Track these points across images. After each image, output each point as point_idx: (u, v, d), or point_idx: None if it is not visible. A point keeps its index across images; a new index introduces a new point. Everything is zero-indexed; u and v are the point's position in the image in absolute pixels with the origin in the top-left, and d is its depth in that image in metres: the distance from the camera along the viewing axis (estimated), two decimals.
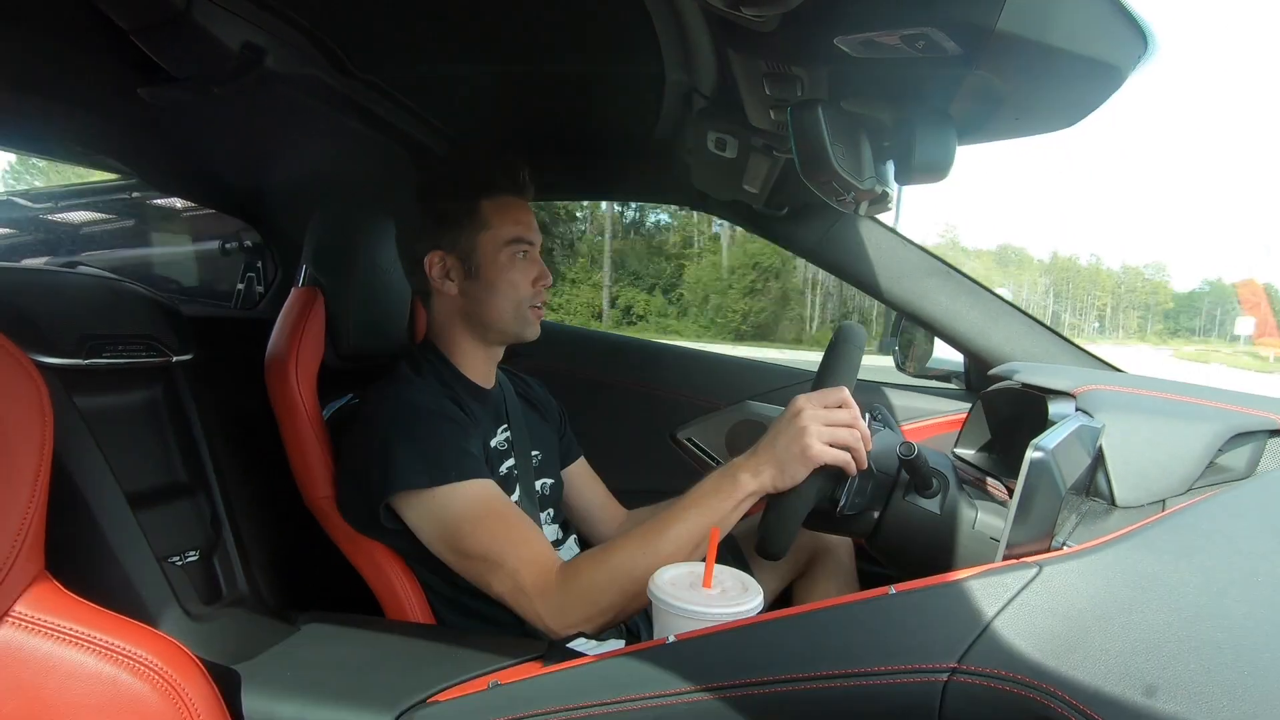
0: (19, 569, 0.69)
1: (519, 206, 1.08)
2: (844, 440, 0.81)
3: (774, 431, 0.84)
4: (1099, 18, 0.60)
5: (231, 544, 0.95)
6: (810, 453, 0.80)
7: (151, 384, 0.96)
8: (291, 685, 0.77)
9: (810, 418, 0.81)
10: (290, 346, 1.07)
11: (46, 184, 2.05)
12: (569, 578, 0.86)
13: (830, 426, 0.81)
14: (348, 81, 1.08)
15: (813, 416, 0.81)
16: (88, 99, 1.08)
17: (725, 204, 1.47)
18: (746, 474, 0.83)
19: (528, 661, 0.79)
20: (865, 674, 0.52)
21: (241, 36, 0.89)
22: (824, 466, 0.81)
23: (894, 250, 1.38)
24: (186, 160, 1.38)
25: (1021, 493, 0.61)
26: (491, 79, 1.14)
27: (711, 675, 0.57)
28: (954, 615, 0.53)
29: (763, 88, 0.79)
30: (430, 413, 0.96)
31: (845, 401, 0.83)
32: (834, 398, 0.83)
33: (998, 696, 0.47)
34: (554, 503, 1.16)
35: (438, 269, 1.06)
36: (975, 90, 0.71)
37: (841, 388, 0.84)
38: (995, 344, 1.34)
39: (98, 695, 0.69)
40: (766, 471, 0.82)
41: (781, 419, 0.84)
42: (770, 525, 0.83)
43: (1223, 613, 0.47)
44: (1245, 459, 0.83)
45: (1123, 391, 0.91)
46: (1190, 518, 0.63)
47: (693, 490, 0.87)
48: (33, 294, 0.87)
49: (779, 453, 0.82)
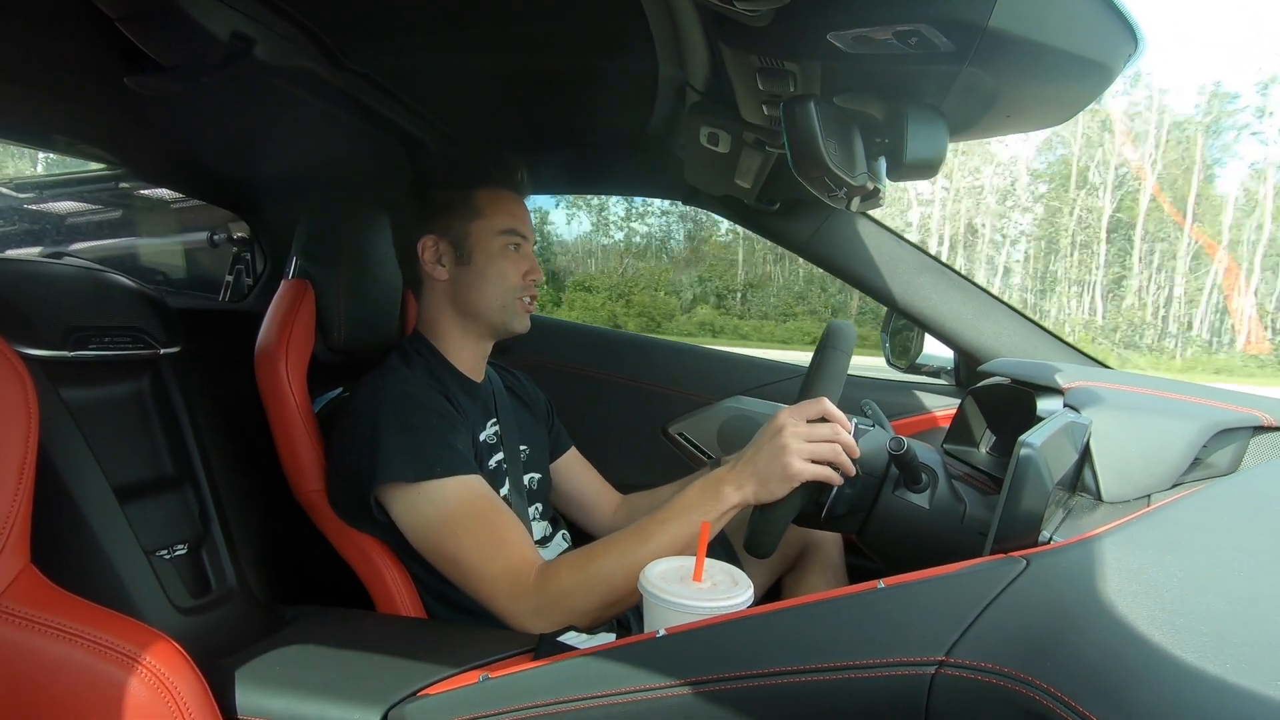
0: (4, 563, 0.68)
1: (514, 200, 1.09)
2: (825, 455, 0.81)
3: (756, 446, 0.85)
4: (1089, 15, 0.60)
5: (220, 537, 0.94)
6: (790, 470, 0.81)
7: (138, 376, 0.95)
8: (281, 679, 0.76)
9: (791, 434, 0.82)
10: (280, 338, 1.06)
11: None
12: (547, 581, 0.86)
13: (811, 442, 0.81)
14: (338, 73, 1.07)
15: (794, 433, 0.82)
16: (73, 88, 1.07)
17: (717, 199, 1.47)
18: (730, 487, 0.84)
19: (518, 655, 0.79)
20: (853, 667, 0.52)
21: (230, 25, 0.88)
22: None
23: (885, 246, 1.38)
24: (174, 151, 1.36)
25: (1010, 487, 0.61)
26: (484, 72, 1.13)
27: (701, 669, 0.57)
28: (942, 609, 0.53)
29: (755, 83, 0.79)
30: (418, 404, 0.96)
31: (828, 414, 0.83)
32: (816, 410, 0.84)
33: (985, 690, 0.47)
34: (542, 497, 1.16)
35: (430, 253, 1.06)
36: (967, 87, 0.71)
37: (823, 399, 0.84)
38: (985, 340, 1.34)
39: (85, 690, 0.68)
40: (749, 486, 0.83)
41: (764, 434, 0.85)
42: (757, 528, 0.84)
43: (1206, 606, 0.48)
44: (1229, 455, 0.84)
45: (1110, 388, 0.92)
46: (1175, 513, 0.64)
47: (676, 500, 0.87)
48: (18, 285, 0.85)
49: (760, 469, 0.83)
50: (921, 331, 1.44)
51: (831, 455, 0.82)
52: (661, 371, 1.66)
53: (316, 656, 0.81)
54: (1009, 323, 1.34)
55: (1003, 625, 0.51)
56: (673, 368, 1.66)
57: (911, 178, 0.80)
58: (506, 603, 0.88)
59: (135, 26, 0.85)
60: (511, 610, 0.87)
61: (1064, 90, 0.71)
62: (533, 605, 0.86)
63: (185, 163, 1.42)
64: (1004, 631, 0.50)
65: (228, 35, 0.88)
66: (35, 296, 0.86)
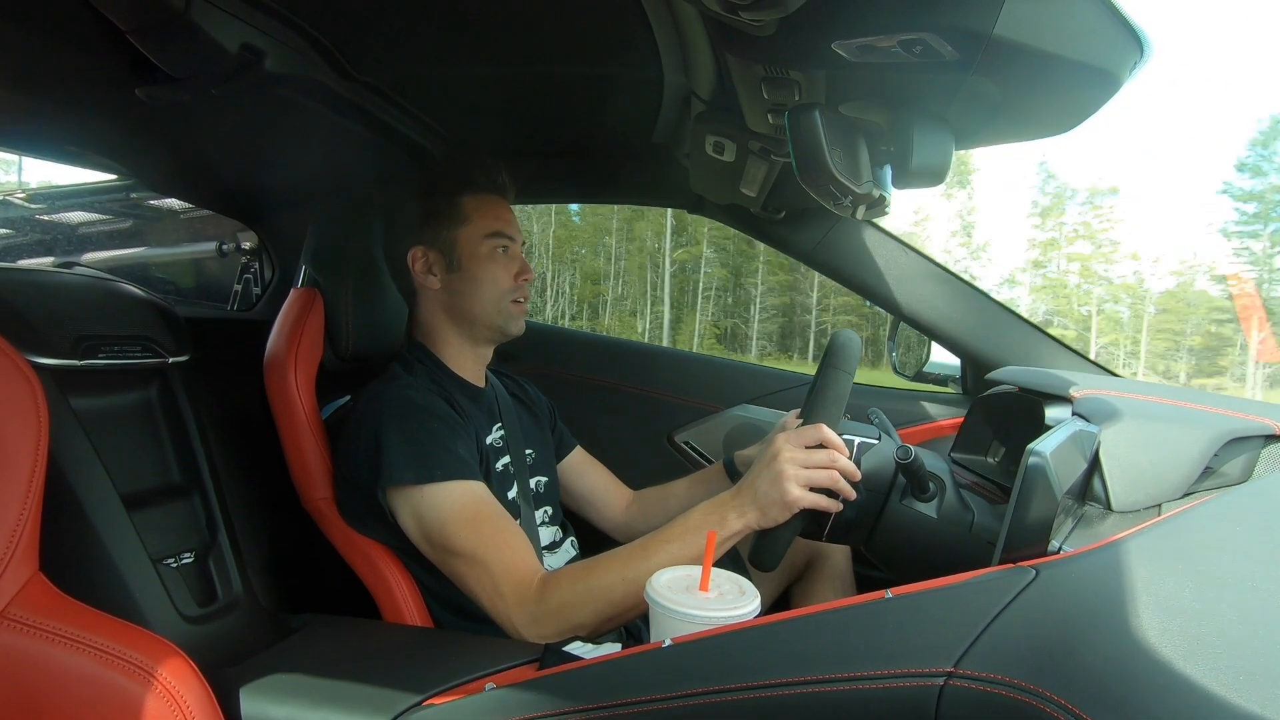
0: (13, 571, 0.69)
1: (499, 204, 1.11)
2: (822, 483, 0.82)
3: (755, 472, 0.85)
4: (1095, 24, 0.60)
5: (227, 546, 0.94)
6: (788, 498, 0.81)
7: (147, 385, 0.96)
8: (287, 688, 0.76)
9: (788, 461, 0.82)
10: (289, 347, 1.07)
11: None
12: (548, 591, 0.87)
13: (809, 469, 0.82)
14: (346, 84, 1.08)
15: (790, 459, 0.82)
16: (85, 99, 1.08)
17: (723, 207, 1.47)
18: (732, 514, 0.84)
19: (524, 665, 0.79)
20: (861, 678, 0.52)
21: (240, 38, 0.89)
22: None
23: (891, 254, 1.38)
24: (184, 161, 1.37)
25: (1018, 496, 0.61)
26: (491, 82, 1.14)
27: (707, 679, 0.57)
28: (950, 619, 0.53)
29: (761, 92, 0.80)
30: (420, 408, 0.97)
31: (826, 440, 0.84)
32: (813, 437, 0.84)
33: (993, 701, 0.47)
34: (550, 501, 1.16)
35: (420, 264, 1.08)
36: (972, 95, 0.71)
37: (820, 425, 0.84)
38: (992, 348, 1.34)
39: (91, 697, 0.68)
40: (750, 513, 0.84)
41: (761, 459, 0.85)
42: (760, 546, 0.85)
43: (1217, 617, 0.47)
44: (1240, 464, 0.84)
45: (1119, 396, 0.91)
46: (1186, 523, 0.63)
47: (678, 521, 0.87)
48: (28, 294, 0.86)
49: (760, 497, 0.83)
50: (928, 339, 1.44)
51: (829, 482, 0.82)
52: (667, 380, 1.66)
53: (322, 665, 0.81)
54: (1016, 330, 1.34)
55: (1012, 636, 0.50)
56: (678, 376, 1.66)
57: (917, 185, 0.80)
58: (506, 609, 0.87)
59: (146, 39, 0.86)
60: (510, 617, 0.87)
61: (1070, 98, 0.71)
62: (532, 614, 0.86)
63: (195, 173, 1.43)
64: (1013, 642, 0.50)
65: (238, 47, 0.89)
66: (46, 306, 0.86)
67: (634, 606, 0.83)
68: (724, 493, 0.88)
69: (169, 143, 1.28)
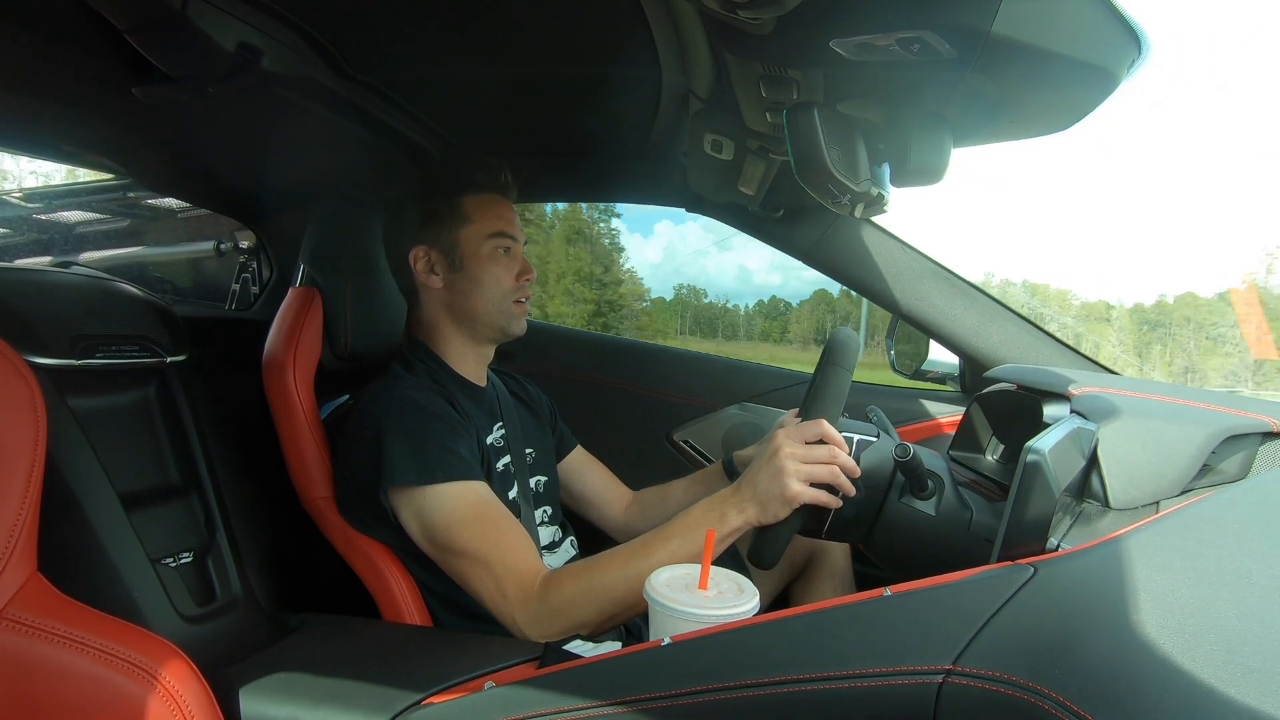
0: (11, 571, 0.69)
1: (501, 204, 1.11)
2: (822, 478, 0.82)
3: (755, 468, 0.85)
4: (1093, 22, 0.60)
5: (226, 545, 0.94)
6: (789, 494, 0.81)
7: (145, 384, 0.96)
8: (286, 687, 0.76)
9: (788, 456, 0.82)
10: (288, 346, 1.07)
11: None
12: (550, 590, 0.87)
13: (809, 465, 0.82)
14: (344, 83, 1.08)
15: (790, 455, 0.82)
16: (82, 98, 1.08)
17: (721, 206, 1.47)
18: (732, 510, 0.85)
19: (523, 663, 0.79)
20: (860, 675, 0.52)
21: (238, 37, 0.89)
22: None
23: (890, 253, 1.38)
24: (182, 160, 1.37)
25: (1017, 494, 0.61)
26: (488, 81, 1.14)
27: (706, 677, 0.57)
28: (949, 617, 0.53)
29: (759, 90, 0.80)
30: (421, 408, 0.97)
31: (825, 436, 0.84)
32: (814, 432, 0.84)
33: (992, 698, 0.47)
34: (550, 500, 1.16)
35: (422, 263, 1.08)
36: (970, 93, 0.71)
37: (820, 421, 0.85)
38: (991, 346, 1.34)
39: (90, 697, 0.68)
40: (750, 509, 0.84)
41: (762, 456, 0.85)
42: (760, 543, 0.85)
43: (1215, 614, 0.47)
44: (1238, 462, 0.84)
45: (1117, 394, 0.91)
46: (1184, 519, 0.64)
47: (679, 518, 0.87)
48: (26, 294, 0.86)
49: (760, 493, 0.83)
50: (927, 338, 1.44)
51: (829, 477, 0.82)
52: (666, 378, 1.66)
53: (321, 664, 0.81)
54: (1015, 329, 1.34)
55: (1010, 633, 0.50)
56: (677, 374, 1.66)
57: (915, 183, 0.80)
58: (510, 608, 0.88)
59: (144, 38, 0.86)
60: (514, 616, 0.88)
61: (1068, 96, 0.71)
62: (534, 613, 0.86)
63: (192, 172, 1.43)
64: (1012, 640, 0.50)
65: (235, 46, 0.89)
66: (43, 305, 0.86)
67: (636, 604, 0.83)
68: (724, 489, 0.88)
69: (167, 142, 1.28)
